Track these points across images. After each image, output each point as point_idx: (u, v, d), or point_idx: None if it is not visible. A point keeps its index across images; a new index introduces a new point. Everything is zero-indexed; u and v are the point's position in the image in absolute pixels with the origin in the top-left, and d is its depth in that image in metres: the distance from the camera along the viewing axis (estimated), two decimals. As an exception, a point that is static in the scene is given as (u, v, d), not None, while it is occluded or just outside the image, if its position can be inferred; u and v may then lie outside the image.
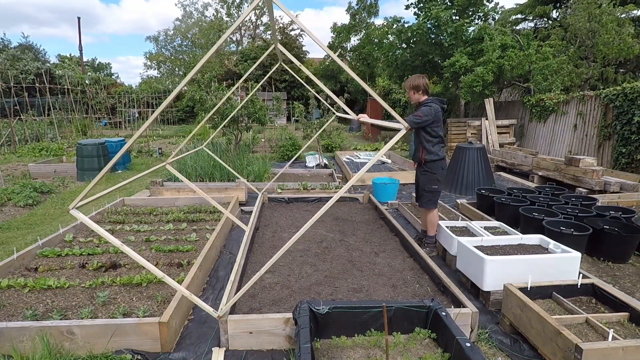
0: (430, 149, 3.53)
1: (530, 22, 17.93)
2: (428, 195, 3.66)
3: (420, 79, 3.52)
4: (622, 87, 7.16)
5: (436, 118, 3.43)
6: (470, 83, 9.76)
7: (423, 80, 3.51)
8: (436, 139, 3.52)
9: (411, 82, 3.53)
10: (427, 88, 3.53)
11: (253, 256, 3.55)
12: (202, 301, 2.17)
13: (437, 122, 3.47)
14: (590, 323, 2.25)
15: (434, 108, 3.41)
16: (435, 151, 3.53)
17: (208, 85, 7.64)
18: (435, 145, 3.53)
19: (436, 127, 3.48)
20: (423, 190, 3.69)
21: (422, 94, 3.53)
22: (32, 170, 7.63)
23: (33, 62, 21.70)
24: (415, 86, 3.50)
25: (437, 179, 3.62)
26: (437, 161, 3.57)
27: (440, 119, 3.51)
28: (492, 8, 11.73)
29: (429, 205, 3.69)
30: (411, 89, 3.54)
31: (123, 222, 4.34)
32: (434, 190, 3.64)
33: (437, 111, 3.43)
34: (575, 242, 3.35)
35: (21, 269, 3.12)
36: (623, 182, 5.79)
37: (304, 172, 7.73)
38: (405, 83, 3.63)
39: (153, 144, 11.95)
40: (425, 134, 3.51)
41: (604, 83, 13.12)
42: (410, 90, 3.55)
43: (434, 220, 3.75)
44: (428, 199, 3.68)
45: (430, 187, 3.64)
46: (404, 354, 2.04)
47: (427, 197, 3.67)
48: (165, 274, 2.98)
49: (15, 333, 2.17)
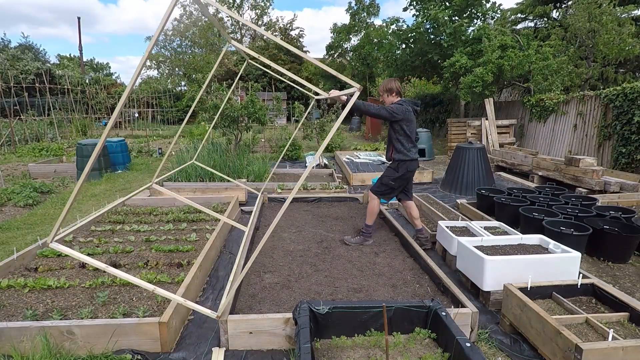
0: (399, 148, 3.63)
1: (530, 22, 17.93)
2: (382, 186, 3.79)
3: (393, 82, 3.68)
4: (622, 87, 7.16)
5: (406, 117, 3.56)
6: (470, 83, 9.77)
7: (396, 84, 3.68)
8: (406, 138, 3.61)
9: (385, 85, 3.70)
10: (400, 90, 3.69)
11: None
12: (198, 305, 2.16)
13: (408, 122, 3.59)
14: (590, 323, 2.25)
15: (404, 107, 3.56)
16: (405, 151, 3.63)
17: (208, 85, 7.64)
18: (405, 144, 3.63)
19: (406, 126, 3.58)
20: (381, 179, 3.81)
21: (395, 96, 3.68)
22: (32, 170, 7.62)
23: (33, 62, 21.71)
24: (389, 89, 3.66)
25: (397, 177, 3.72)
26: (407, 161, 3.66)
27: (412, 120, 3.62)
28: (490, 7, 11.72)
29: (376, 193, 3.80)
30: (385, 91, 3.69)
31: (123, 222, 4.34)
32: (389, 185, 3.75)
33: (409, 111, 3.58)
34: (575, 242, 3.35)
35: (21, 269, 3.12)
36: (623, 182, 5.79)
37: (304, 172, 7.73)
38: (379, 87, 3.77)
39: (153, 144, 11.95)
40: (395, 133, 3.62)
41: (604, 83, 13.13)
42: (384, 93, 3.70)
43: (372, 210, 3.82)
44: (381, 190, 3.80)
45: (387, 181, 3.75)
46: (404, 354, 2.04)
47: (380, 188, 3.80)
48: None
49: (15, 333, 2.17)
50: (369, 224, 3.85)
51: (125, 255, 3.42)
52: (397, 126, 3.58)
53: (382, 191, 3.79)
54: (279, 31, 30.58)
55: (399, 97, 3.69)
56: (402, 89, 3.71)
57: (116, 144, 8.17)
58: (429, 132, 10.72)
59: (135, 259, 3.36)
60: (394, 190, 3.80)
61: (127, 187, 6.72)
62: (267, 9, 31.74)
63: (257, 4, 31.12)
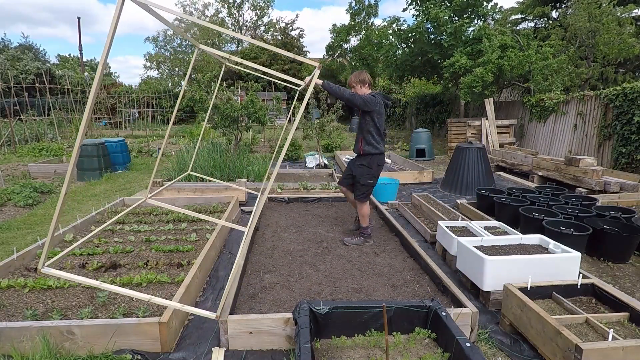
0: (370, 140, 3.66)
1: (530, 22, 17.93)
2: (362, 188, 3.80)
3: (365, 74, 3.71)
4: (622, 87, 7.16)
5: (377, 109, 3.58)
6: (470, 83, 9.76)
7: (367, 76, 3.71)
8: (376, 130, 3.65)
9: (357, 77, 3.71)
10: (371, 83, 3.72)
11: (253, 256, 3.55)
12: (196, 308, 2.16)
13: (379, 115, 3.63)
14: (590, 323, 2.25)
15: (377, 99, 3.60)
16: (375, 143, 3.66)
17: (208, 85, 7.64)
18: (375, 136, 3.65)
19: (377, 118, 3.61)
20: (358, 183, 3.82)
21: (367, 88, 3.70)
22: (32, 170, 7.62)
23: (33, 62, 21.71)
24: (362, 80, 3.68)
25: (372, 174, 3.75)
26: (375, 155, 3.70)
27: (383, 113, 3.67)
28: (491, 8, 11.72)
29: (362, 199, 3.84)
30: (358, 82, 3.70)
31: (123, 222, 4.34)
32: (369, 184, 3.78)
33: (380, 104, 3.62)
34: (575, 242, 3.35)
35: (21, 269, 3.12)
36: (623, 182, 5.79)
37: (304, 172, 7.73)
38: (350, 78, 3.77)
39: (153, 144, 11.95)
40: (365, 124, 3.65)
41: (604, 83, 13.13)
42: (357, 84, 3.70)
43: (364, 213, 3.88)
44: (361, 192, 3.81)
45: (365, 181, 3.77)
46: (404, 354, 2.04)
47: (361, 191, 3.81)
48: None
49: (15, 333, 2.17)
50: (365, 226, 3.90)
51: (125, 255, 3.42)
52: (368, 117, 3.62)
53: (366, 192, 3.83)
54: (279, 31, 30.58)
55: (370, 90, 3.73)
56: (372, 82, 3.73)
57: (116, 144, 8.17)
58: (429, 132, 10.72)
59: (135, 259, 3.36)
60: (372, 188, 3.86)
61: (127, 187, 6.72)
62: (267, 9, 31.76)
63: (257, 4, 31.13)
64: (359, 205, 3.90)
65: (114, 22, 1.60)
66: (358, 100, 3.53)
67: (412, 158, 10.22)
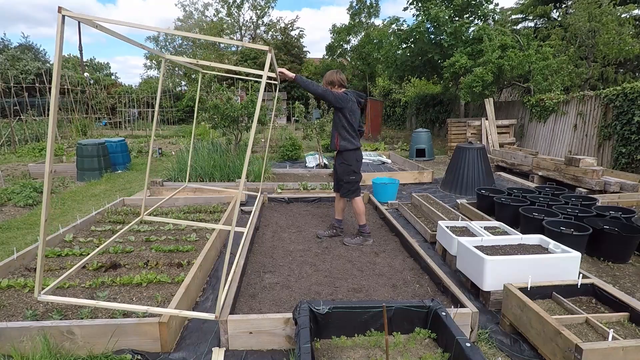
0: (344, 135, 3.71)
1: (530, 22, 17.93)
2: (347, 186, 3.84)
3: (335, 75, 3.74)
4: (622, 87, 7.16)
5: (348, 106, 3.63)
6: (470, 83, 9.76)
7: (338, 76, 3.74)
8: (350, 127, 3.70)
9: (328, 78, 3.75)
10: (343, 83, 3.76)
11: (253, 256, 3.55)
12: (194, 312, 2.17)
13: (352, 113, 3.68)
14: (590, 323, 2.25)
15: (349, 97, 3.65)
16: (350, 138, 3.72)
17: (208, 85, 7.64)
18: (350, 133, 3.71)
19: (349, 115, 3.66)
20: (341, 181, 3.87)
21: (338, 88, 3.74)
22: (32, 170, 7.62)
23: (33, 62, 21.71)
24: (331, 81, 3.72)
25: (353, 170, 3.80)
26: (352, 151, 3.76)
27: (356, 110, 3.72)
28: (491, 9, 11.71)
29: (350, 195, 3.87)
30: (327, 84, 3.75)
31: (123, 222, 4.34)
32: (352, 180, 3.82)
33: (353, 102, 3.68)
34: (575, 242, 3.35)
35: (21, 269, 3.12)
36: (623, 182, 5.79)
37: (304, 172, 7.73)
38: (324, 78, 3.83)
39: (153, 144, 11.94)
40: (339, 121, 3.70)
41: (604, 83, 13.13)
42: (327, 85, 3.75)
43: (360, 211, 3.89)
44: (347, 190, 3.85)
45: (348, 179, 3.82)
46: (404, 354, 2.04)
47: (346, 188, 3.85)
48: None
49: (15, 333, 2.17)
50: (362, 224, 3.92)
51: (126, 255, 3.42)
52: (340, 114, 3.67)
53: (351, 189, 3.85)
54: (279, 32, 30.56)
55: (343, 89, 3.77)
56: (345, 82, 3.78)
57: (116, 144, 8.17)
58: (429, 132, 10.72)
59: (135, 259, 3.36)
60: (358, 183, 3.88)
61: (127, 187, 6.72)
62: (268, 9, 31.74)
63: (257, 4, 31.12)
64: (352, 203, 3.93)
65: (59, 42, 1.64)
66: (330, 96, 3.57)
67: (412, 158, 10.22)
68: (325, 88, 3.64)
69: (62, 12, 1.66)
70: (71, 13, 1.71)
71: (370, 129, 15.48)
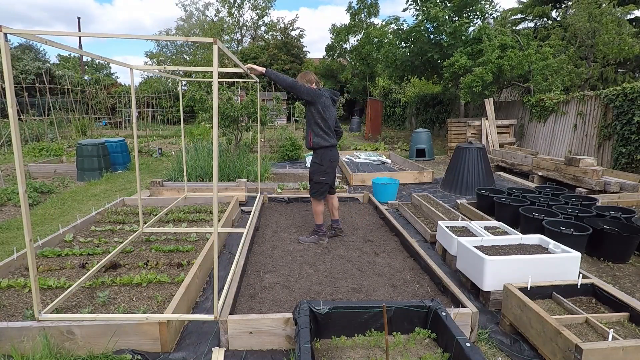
0: (318, 132, 3.69)
1: (530, 22, 17.93)
2: (315, 186, 3.83)
3: (310, 75, 3.77)
4: (622, 87, 7.16)
5: (320, 100, 3.62)
6: (470, 83, 9.76)
7: (313, 76, 3.76)
8: (323, 122, 3.68)
9: (302, 77, 3.74)
10: (318, 82, 3.78)
11: (253, 256, 3.55)
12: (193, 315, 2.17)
13: (324, 108, 3.66)
14: (590, 323, 2.25)
15: (320, 92, 3.63)
16: (323, 134, 3.70)
17: (208, 85, 7.64)
18: (323, 129, 3.69)
19: (323, 111, 3.65)
20: (311, 181, 3.86)
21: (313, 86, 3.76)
22: (32, 170, 7.62)
23: (33, 62, 21.68)
24: (308, 80, 3.72)
25: (324, 170, 3.77)
26: (326, 148, 3.73)
27: (329, 107, 3.71)
28: (490, 7, 11.69)
29: (315, 196, 3.86)
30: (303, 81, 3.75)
31: (123, 222, 4.34)
32: (321, 181, 3.80)
33: (325, 97, 3.68)
34: (575, 242, 3.35)
35: (21, 269, 3.12)
36: (623, 182, 5.79)
37: (304, 172, 7.73)
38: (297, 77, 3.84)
39: (153, 144, 11.95)
40: (312, 117, 3.68)
41: (604, 83, 13.12)
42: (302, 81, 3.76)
43: (318, 211, 3.91)
44: (315, 190, 3.85)
45: (317, 179, 3.79)
46: (404, 354, 2.04)
47: (315, 188, 3.85)
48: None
49: (15, 333, 2.17)
50: (319, 223, 3.93)
51: (126, 255, 3.42)
52: (313, 109, 3.64)
53: (317, 190, 3.84)
54: (279, 32, 30.56)
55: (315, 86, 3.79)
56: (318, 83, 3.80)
57: (116, 144, 8.17)
58: (429, 132, 10.72)
59: (135, 259, 3.36)
60: (327, 185, 3.86)
61: (127, 187, 6.72)
62: (268, 10, 31.75)
63: (257, 4, 31.13)
64: (312, 202, 3.93)
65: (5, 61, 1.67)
66: (300, 88, 3.53)
67: (412, 158, 10.22)
68: (295, 80, 3.59)
69: (4, 30, 1.68)
70: (12, 30, 1.75)
71: (370, 129, 15.48)
